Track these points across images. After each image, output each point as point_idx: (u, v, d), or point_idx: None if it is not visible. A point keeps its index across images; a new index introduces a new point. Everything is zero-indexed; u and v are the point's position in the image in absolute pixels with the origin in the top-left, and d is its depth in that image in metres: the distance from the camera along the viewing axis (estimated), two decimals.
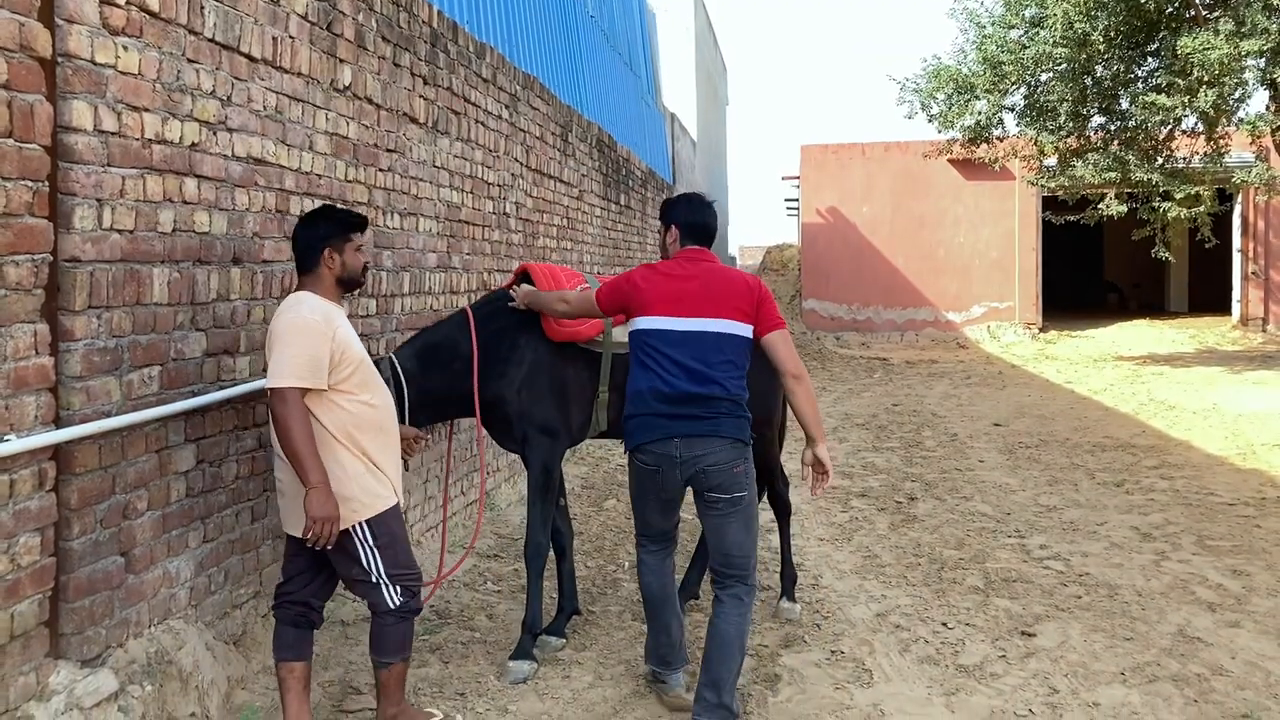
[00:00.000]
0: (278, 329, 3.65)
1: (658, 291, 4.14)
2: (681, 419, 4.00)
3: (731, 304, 4.09)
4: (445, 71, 6.59)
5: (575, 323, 4.81)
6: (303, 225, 3.92)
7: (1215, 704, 4.29)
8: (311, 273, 3.84)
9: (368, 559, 3.73)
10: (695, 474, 4.02)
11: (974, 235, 23.41)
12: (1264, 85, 14.27)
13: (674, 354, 4.05)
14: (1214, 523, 7.31)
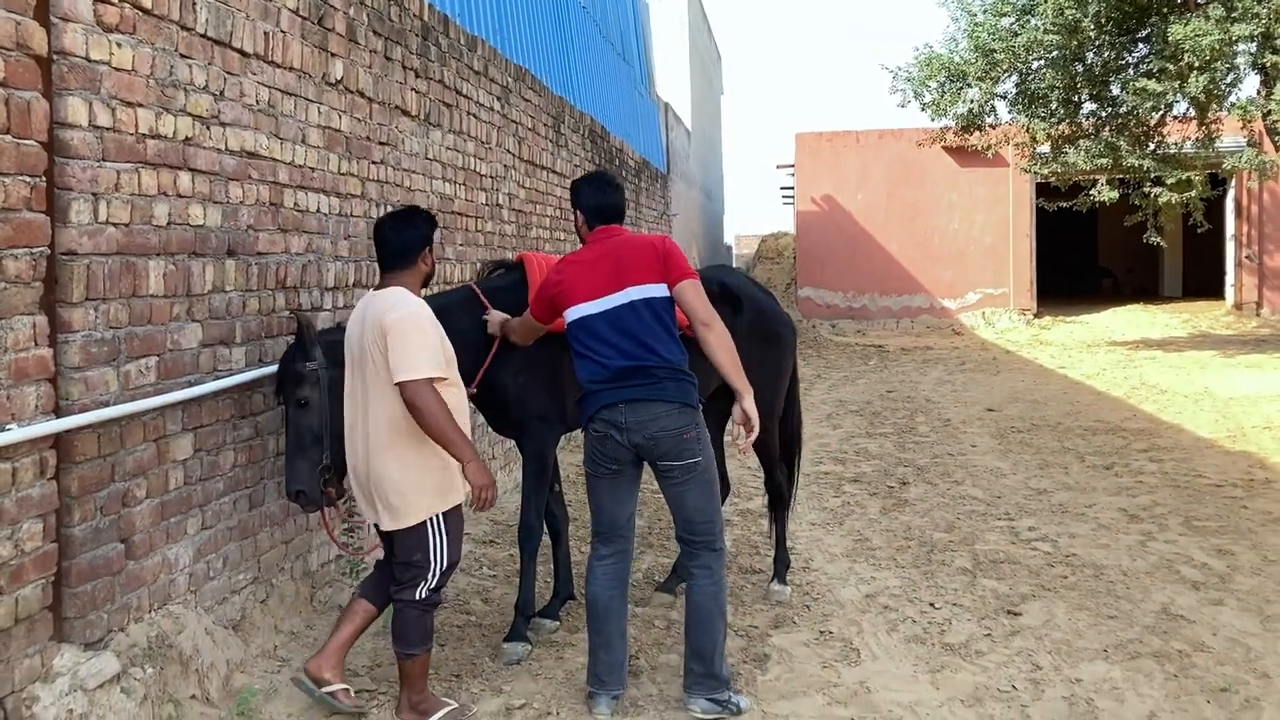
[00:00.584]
0: (393, 324, 3.80)
1: (573, 281, 4.18)
2: (625, 388, 4.02)
3: (639, 268, 4.11)
4: (437, 64, 6.65)
5: None
6: (403, 224, 4.13)
7: (1195, 679, 4.39)
8: (408, 270, 4.06)
9: (436, 546, 3.93)
10: (643, 442, 4.01)
11: (968, 222, 23.48)
12: (1255, 70, 14.33)
13: (602, 335, 4.08)
14: (1201, 504, 7.40)
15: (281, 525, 4.83)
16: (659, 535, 6.81)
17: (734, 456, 6.36)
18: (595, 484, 4.25)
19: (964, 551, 6.33)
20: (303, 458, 4.19)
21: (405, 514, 3.90)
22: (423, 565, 3.93)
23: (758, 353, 5.42)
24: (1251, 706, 4.12)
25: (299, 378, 4.21)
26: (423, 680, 4.02)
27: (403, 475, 3.88)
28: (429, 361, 3.80)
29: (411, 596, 3.94)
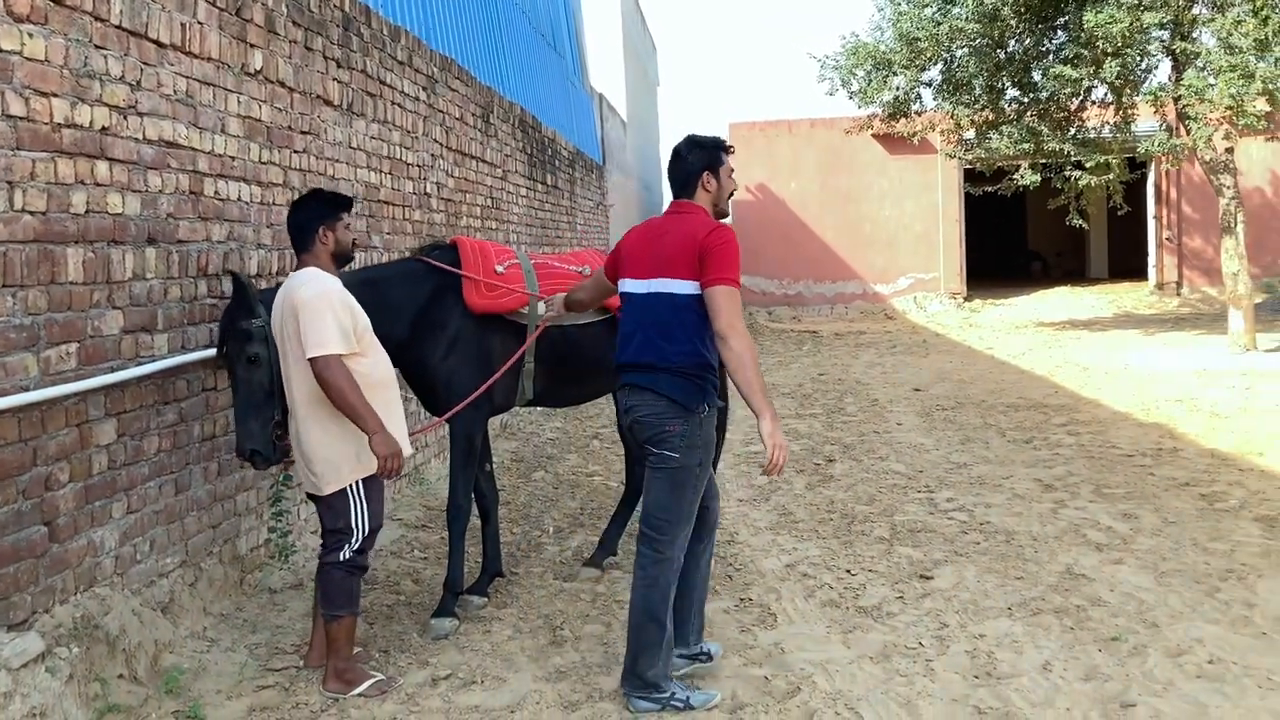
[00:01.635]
0: (302, 302, 3.99)
1: (627, 251, 4.15)
2: (629, 372, 4.04)
3: (675, 261, 3.93)
4: (359, 55, 6.72)
5: (496, 294, 5.01)
6: (297, 208, 4.32)
7: (1089, 630, 4.63)
8: (310, 250, 4.23)
9: (357, 513, 4.13)
10: (632, 424, 4.04)
11: (899, 208, 23.89)
12: (1166, 56, 14.76)
13: (632, 315, 4.06)
14: (1112, 473, 7.69)
15: (209, 510, 4.89)
16: (590, 515, 6.95)
17: None
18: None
19: (883, 522, 6.55)
20: (255, 416, 4.24)
21: (327, 481, 4.11)
22: (345, 530, 4.12)
23: None
24: (1138, 653, 4.36)
25: (246, 334, 4.25)
26: (348, 647, 4.15)
27: (323, 445, 4.08)
28: (336, 338, 3.98)
29: (336, 559, 4.12)
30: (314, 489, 4.18)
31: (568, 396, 5.80)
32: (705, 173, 4.08)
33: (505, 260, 5.17)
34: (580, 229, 15.59)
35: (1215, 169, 14.25)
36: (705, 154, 4.09)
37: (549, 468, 8.43)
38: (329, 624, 4.13)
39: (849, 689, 4.11)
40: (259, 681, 4.24)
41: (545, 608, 5.11)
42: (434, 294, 5.01)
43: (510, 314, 5.10)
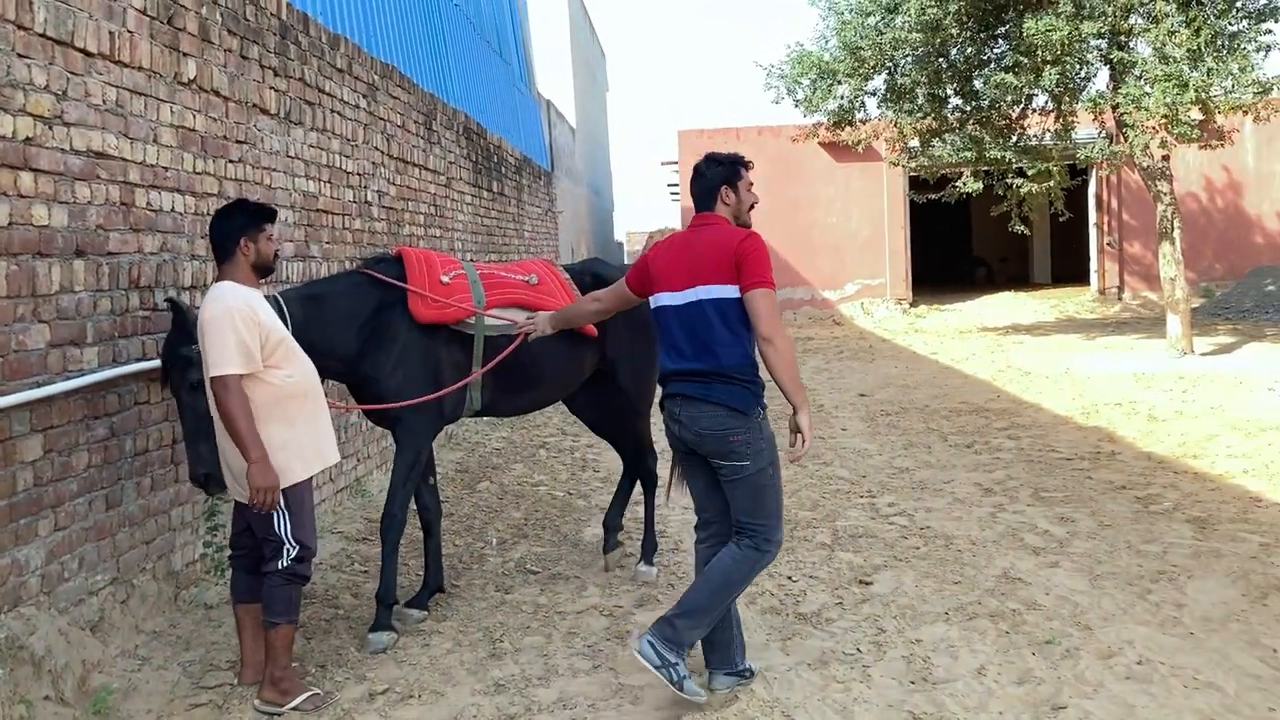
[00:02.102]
0: (205, 321, 3.97)
1: (660, 266, 4.18)
2: (682, 382, 4.07)
3: (712, 268, 4.01)
4: (297, 63, 6.66)
5: (441, 306, 4.99)
6: (219, 218, 4.27)
7: (1024, 634, 4.69)
8: (230, 261, 4.18)
9: (279, 521, 4.09)
10: (692, 438, 4.06)
11: (846, 215, 24.10)
12: (1105, 64, 15.04)
13: (673, 329, 4.09)
14: (1051, 476, 7.81)
15: (142, 525, 4.82)
16: (534, 526, 6.93)
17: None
18: (686, 469, 4.32)
19: (825, 528, 6.59)
20: (203, 441, 4.24)
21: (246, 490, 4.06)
22: (278, 540, 4.12)
23: (629, 339, 5.68)
24: (1071, 656, 4.43)
25: (186, 362, 4.24)
26: (286, 655, 4.13)
27: (239, 458, 4.03)
28: (235, 357, 3.94)
29: (275, 568, 4.12)
30: (240, 496, 4.17)
31: (516, 406, 5.76)
32: (724, 187, 4.18)
33: (451, 270, 5.15)
34: (528, 236, 15.56)
35: (1152, 176, 14.53)
36: (723, 169, 4.21)
37: (494, 478, 8.40)
38: (268, 631, 4.13)
39: (786, 696, 4.13)
40: (191, 700, 4.18)
41: (485, 620, 5.09)
42: (380, 307, 4.99)
43: (457, 324, 5.08)
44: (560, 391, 5.80)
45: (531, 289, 5.34)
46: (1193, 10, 13.39)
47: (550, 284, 5.45)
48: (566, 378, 5.64)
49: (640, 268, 4.30)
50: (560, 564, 6.03)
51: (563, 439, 10.12)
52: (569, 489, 8.01)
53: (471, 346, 5.12)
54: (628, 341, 5.72)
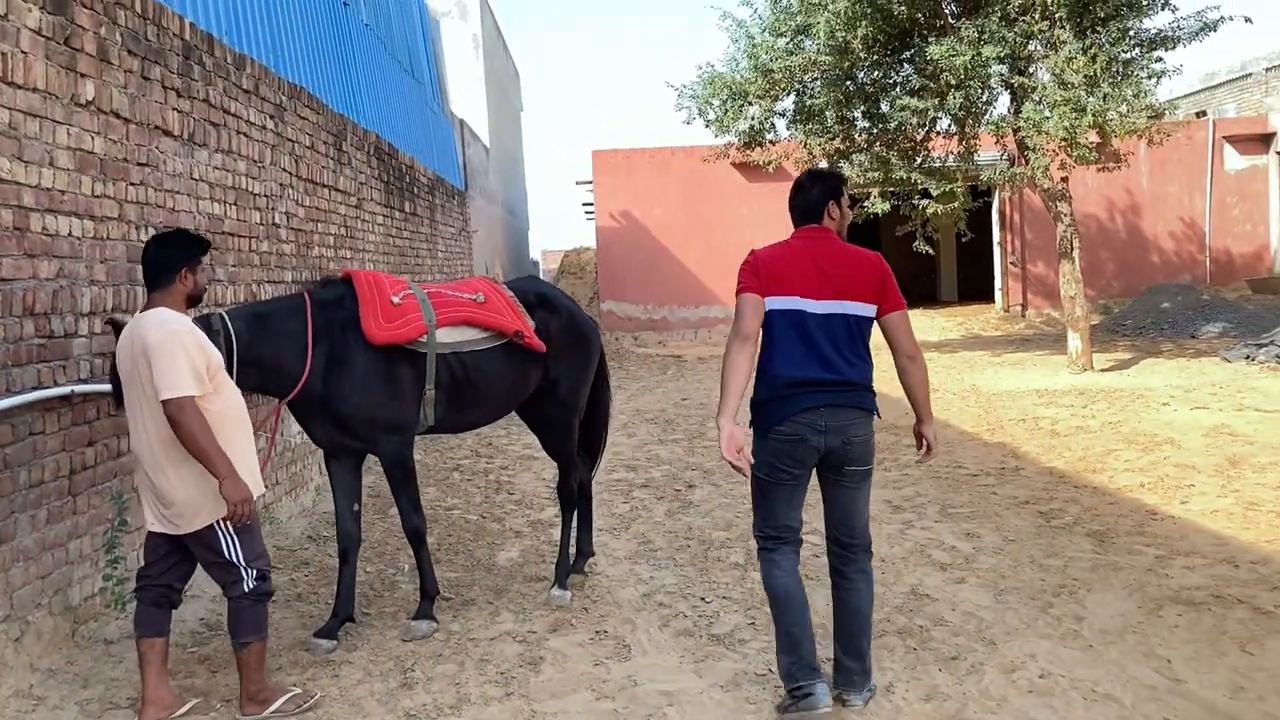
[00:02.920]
0: (154, 344, 3.98)
1: (781, 269, 4.11)
2: (827, 392, 4.04)
3: (858, 285, 4.09)
4: (201, 84, 6.54)
5: (395, 326, 5.07)
6: (159, 246, 4.27)
7: (931, 650, 4.79)
8: (165, 289, 4.19)
9: (228, 547, 4.14)
10: (839, 446, 4.06)
11: (759, 235, 24.16)
12: (1006, 89, 15.49)
13: (812, 337, 4.05)
14: (958, 492, 7.99)
15: (37, 559, 4.66)
16: (447, 550, 6.86)
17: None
18: (772, 489, 4.17)
19: (739, 547, 6.65)
20: None
21: (187, 521, 4.12)
22: (224, 564, 4.17)
23: (569, 354, 5.86)
24: (976, 671, 4.53)
25: None
26: (260, 670, 4.23)
27: (181, 486, 4.08)
28: (189, 380, 3.97)
29: (240, 592, 4.18)
30: (170, 529, 4.16)
31: (467, 422, 5.86)
32: (830, 202, 4.26)
33: (400, 291, 5.26)
34: (441, 256, 15.44)
35: (1053, 197, 14.99)
36: (827, 184, 4.30)
37: None
38: (239, 652, 4.21)
39: (699, 719, 4.15)
40: None
41: (396, 649, 5.02)
42: (329, 326, 5.06)
43: (410, 343, 5.15)
44: (508, 407, 5.93)
45: (479, 306, 5.46)
46: (1089, 38, 13.87)
47: (496, 301, 5.57)
48: (515, 394, 5.77)
49: (755, 273, 4.12)
50: (473, 589, 5.98)
51: (476, 461, 10.05)
52: (483, 512, 7.95)
53: (423, 364, 5.23)
54: (569, 357, 5.89)
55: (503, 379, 5.55)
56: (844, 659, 4.22)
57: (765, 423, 4.13)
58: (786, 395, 4.05)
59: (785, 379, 4.06)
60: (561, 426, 6.00)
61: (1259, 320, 18.38)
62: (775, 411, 4.08)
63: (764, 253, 4.23)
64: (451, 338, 5.29)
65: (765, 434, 4.13)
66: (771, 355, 4.11)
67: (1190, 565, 5.91)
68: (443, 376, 5.30)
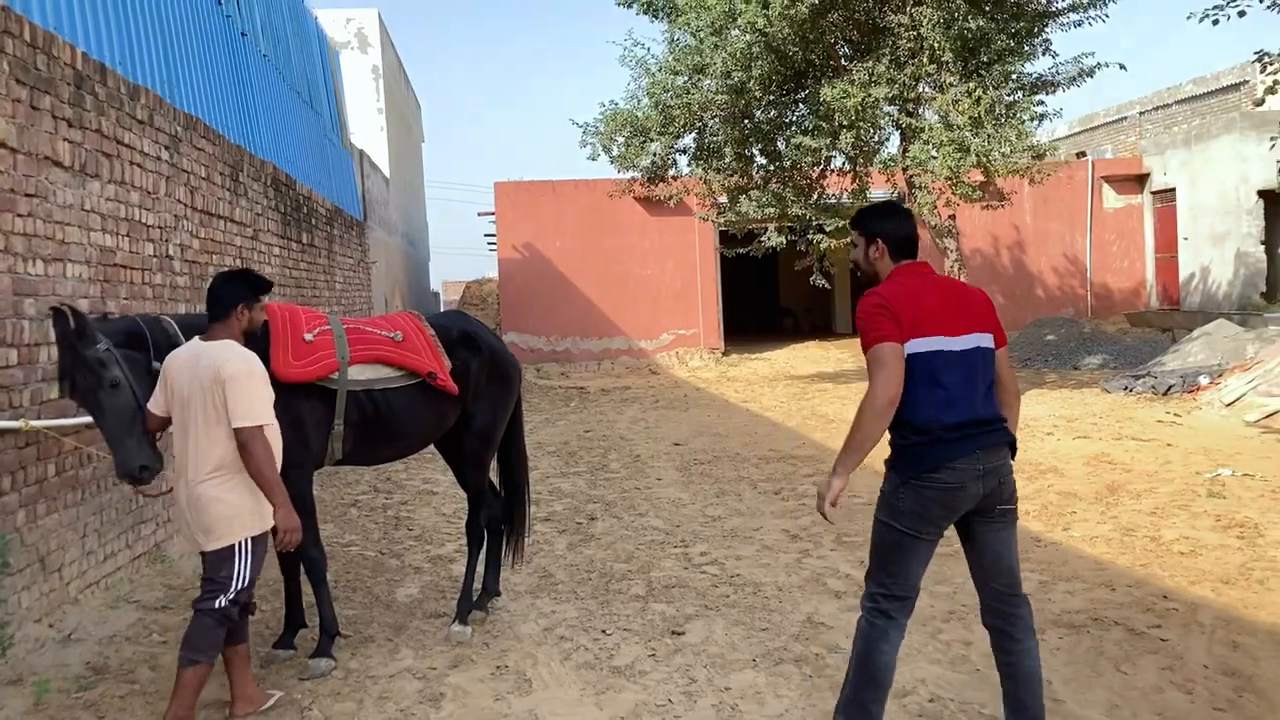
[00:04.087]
0: (235, 374, 4.36)
1: (929, 311, 3.83)
2: (982, 434, 3.81)
3: (982, 317, 3.94)
4: (94, 114, 6.42)
5: (304, 364, 5.11)
6: (223, 282, 4.64)
7: (827, 677, 4.91)
8: (223, 322, 4.55)
9: (241, 565, 4.41)
10: (996, 487, 3.83)
11: (660, 268, 24.68)
12: (895, 129, 16.02)
13: (955, 376, 3.80)
14: (852, 521, 8.17)
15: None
16: (345, 587, 6.78)
17: None
18: (912, 545, 3.86)
19: (640, 579, 6.71)
20: (130, 435, 4.52)
21: (222, 536, 4.38)
22: (226, 580, 4.38)
23: (490, 391, 5.94)
24: None
25: (100, 362, 4.46)
26: (194, 696, 4.31)
27: (220, 503, 4.36)
28: (264, 410, 4.43)
29: (211, 606, 4.36)
30: (206, 544, 4.40)
31: (377, 456, 5.89)
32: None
33: (316, 327, 5.29)
34: (339, 287, 15.27)
35: (939, 234, 15.52)
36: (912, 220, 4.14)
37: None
38: (184, 668, 4.29)
39: None
40: None
41: (294, 688, 4.96)
42: None
43: (320, 380, 5.20)
44: (423, 443, 5.97)
45: (395, 345, 5.51)
46: (974, 81, 14.45)
47: (415, 341, 5.62)
48: (429, 431, 5.82)
49: (893, 317, 3.77)
50: (372, 626, 5.93)
51: (375, 496, 9.95)
52: (381, 548, 7.88)
53: (332, 400, 5.27)
54: (486, 393, 5.97)
55: (416, 417, 5.59)
56: None
57: (917, 470, 3.77)
58: (945, 440, 3.74)
59: (941, 423, 3.75)
60: (474, 460, 6.05)
61: (1136, 352, 19.23)
62: (932, 457, 3.74)
63: (889, 294, 3.85)
64: (364, 375, 5.35)
65: (914, 482, 3.79)
66: (917, 400, 3.76)
67: (1071, 590, 6.17)
68: (352, 413, 5.36)
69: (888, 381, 3.72)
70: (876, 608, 3.91)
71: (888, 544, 3.90)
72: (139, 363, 4.63)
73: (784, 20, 14.14)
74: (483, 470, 6.11)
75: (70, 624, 5.73)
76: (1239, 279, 22.30)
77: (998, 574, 3.95)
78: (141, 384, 4.60)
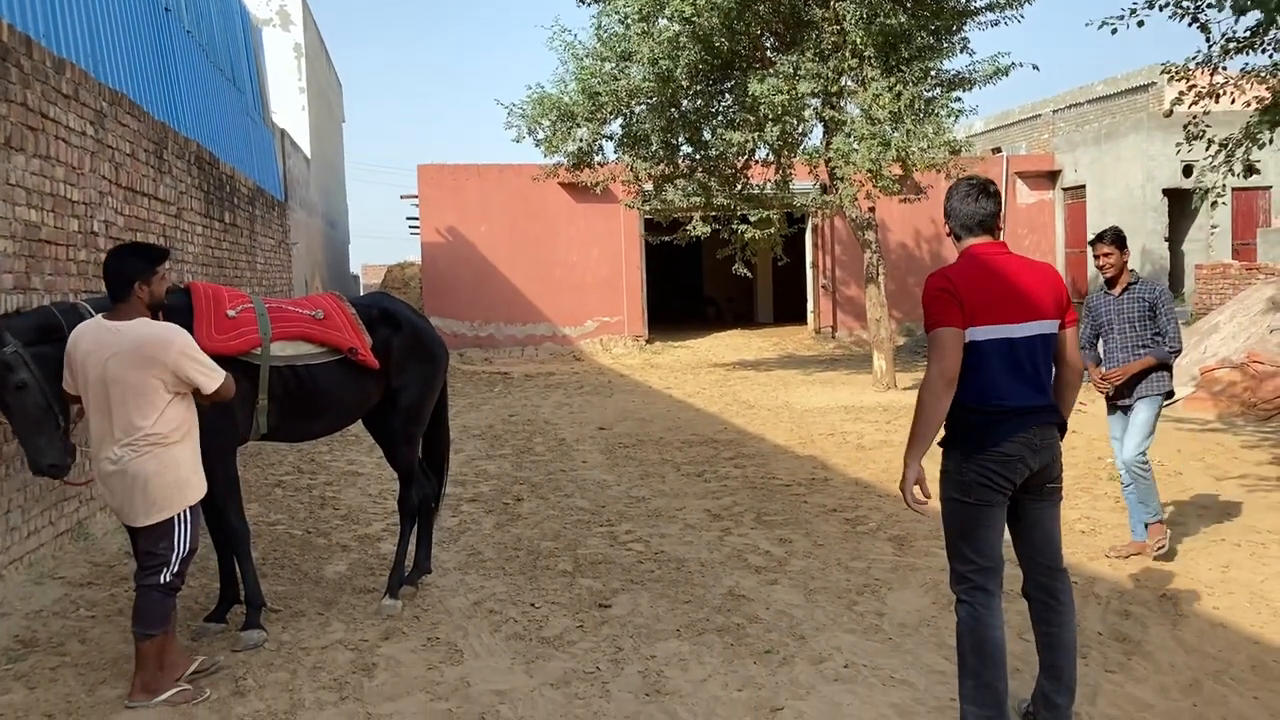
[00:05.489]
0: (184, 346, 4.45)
1: (990, 297, 3.86)
2: (1036, 414, 3.89)
3: (1048, 301, 3.93)
4: (19, 87, 6.35)
5: (227, 338, 5.18)
6: (117, 260, 4.52)
7: (747, 645, 5.13)
8: (126, 301, 4.46)
9: (181, 537, 4.50)
10: (1049, 462, 3.93)
11: (585, 254, 24.78)
12: (819, 122, 16.33)
13: (1018, 361, 3.86)
14: (772, 501, 8.44)
15: None
16: (272, 565, 6.83)
17: None
18: (982, 513, 3.88)
19: (567, 556, 6.87)
20: (39, 434, 4.55)
21: (164, 509, 4.45)
22: (167, 553, 4.46)
23: (414, 368, 6.05)
24: (787, 663, 4.89)
25: (6, 365, 4.46)
26: (155, 662, 4.46)
27: (163, 475, 4.42)
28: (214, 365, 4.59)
29: (156, 581, 4.45)
30: (138, 519, 4.44)
31: (302, 431, 5.97)
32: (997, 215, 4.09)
33: (238, 305, 5.40)
34: (260, 268, 15.13)
35: (859, 226, 15.88)
36: (997, 199, 4.08)
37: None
38: (140, 642, 4.43)
39: (530, 715, 4.35)
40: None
41: (226, 660, 5.02)
42: None
43: (243, 355, 5.28)
44: (345, 420, 6.08)
45: (316, 322, 5.63)
46: (894, 76, 14.81)
47: (337, 319, 5.73)
48: (352, 407, 5.93)
49: (956, 302, 3.84)
50: (302, 601, 6.00)
51: (299, 477, 9.94)
52: (308, 527, 7.91)
53: (256, 375, 5.37)
54: (411, 372, 6.07)
55: (338, 392, 5.71)
56: (1058, 695, 4.00)
57: (980, 445, 3.87)
58: (1004, 420, 3.85)
59: (1001, 408, 3.86)
60: (404, 438, 6.15)
61: None
62: (994, 433, 3.85)
63: (956, 277, 3.90)
64: (285, 351, 5.45)
65: (977, 456, 3.87)
66: (977, 384, 3.87)
67: None
68: (276, 388, 5.46)
69: (946, 366, 3.82)
70: (970, 586, 3.92)
71: (962, 520, 3.95)
72: (51, 359, 4.59)
73: (711, 11, 14.33)
74: (413, 446, 6.22)
75: None
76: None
77: (1045, 549, 4.04)
78: (54, 380, 4.59)
